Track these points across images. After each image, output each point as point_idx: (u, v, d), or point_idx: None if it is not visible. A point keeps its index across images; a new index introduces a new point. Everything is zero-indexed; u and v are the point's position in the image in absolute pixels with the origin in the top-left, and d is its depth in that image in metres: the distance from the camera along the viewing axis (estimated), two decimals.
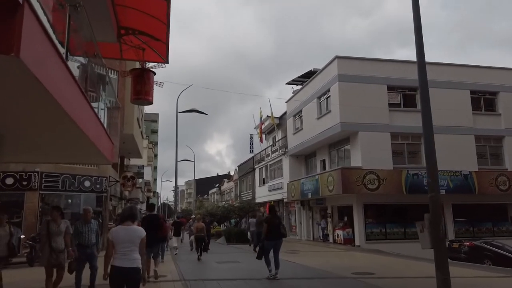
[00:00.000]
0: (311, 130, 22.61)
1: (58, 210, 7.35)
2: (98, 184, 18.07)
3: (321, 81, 21.27)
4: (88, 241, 7.37)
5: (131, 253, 4.33)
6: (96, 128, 6.84)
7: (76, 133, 5.39)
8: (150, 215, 9.59)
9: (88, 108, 5.80)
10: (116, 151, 9.29)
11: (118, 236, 4.40)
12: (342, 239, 20.48)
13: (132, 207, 5.38)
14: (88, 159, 8.51)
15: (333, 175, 18.89)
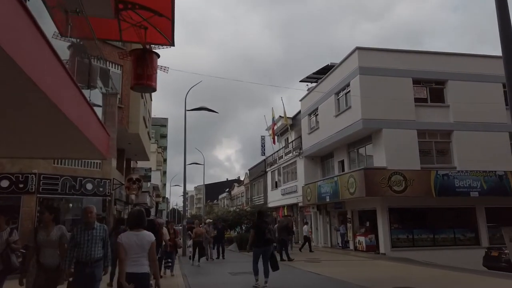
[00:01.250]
0: (328, 129, 21.11)
1: (52, 211, 5.78)
2: (101, 187, 16.77)
3: (339, 76, 19.79)
4: (88, 256, 5.08)
5: (141, 259, 4.27)
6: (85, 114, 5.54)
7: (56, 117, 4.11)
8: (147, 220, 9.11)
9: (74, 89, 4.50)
10: (113, 145, 7.98)
11: (131, 242, 4.28)
12: (364, 246, 18.88)
13: (140, 211, 4.80)
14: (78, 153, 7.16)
15: (355, 176, 17.34)
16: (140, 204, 30.25)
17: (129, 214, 5.55)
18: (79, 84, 5.63)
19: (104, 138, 7.36)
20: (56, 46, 3.58)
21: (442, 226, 17.84)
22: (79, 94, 4.99)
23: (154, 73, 8.36)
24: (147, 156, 25.11)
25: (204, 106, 19.88)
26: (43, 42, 3.19)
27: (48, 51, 3.38)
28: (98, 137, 7.00)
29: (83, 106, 5.38)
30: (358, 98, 17.62)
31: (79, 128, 4.91)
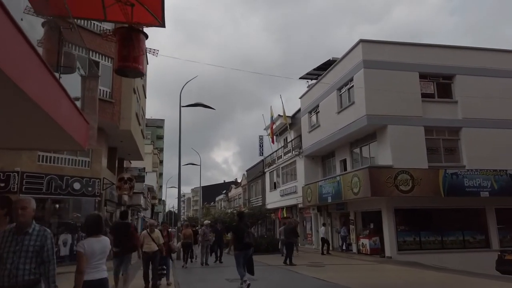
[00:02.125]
0: (330, 127, 20.20)
1: (2, 205, 4.00)
2: (90, 187, 15.76)
3: (342, 70, 18.90)
4: (11, 279, 3.33)
5: (102, 265, 4.19)
6: (55, 96, 4.57)
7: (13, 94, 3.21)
8: (120, 222, 8.82)
9: (40, 66, 3.58)
10: (93, 135, 7.04)
11: (93, 249, 4.10)
12: (368, 249, 17.95)
13: (97, 216, 4.52)
14: (47, 142, 6.20)
15: (359, 175, 16.43)
16: (134, 206, 29.19)
17: (86, 220, 4.61)
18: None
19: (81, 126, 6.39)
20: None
21: (451, 228, 16.94)
22: (46, 72, 4.03)
23: (141, 54, 7.41)
24: (141, 156, 24.11)
25: (200, 102, 18.93)
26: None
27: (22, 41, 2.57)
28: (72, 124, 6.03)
29: (52, 87, 4.46)
30: (362, 93, 16.73)
31: (45, 111, 3.94)
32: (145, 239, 8.62)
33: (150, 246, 8.55)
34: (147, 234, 8.66)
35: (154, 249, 8.53)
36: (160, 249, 8.69)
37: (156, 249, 8.56)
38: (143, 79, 22.95)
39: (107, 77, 16.04)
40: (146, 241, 8.61)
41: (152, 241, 8.57)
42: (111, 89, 16.05)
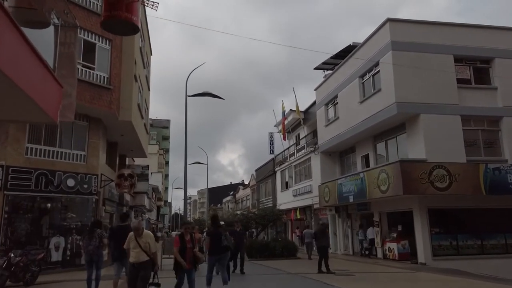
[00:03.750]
0: (350, 119, 18.34)
1: None
2: (85, 184, 14.08)
3: (365, 55, 17.04)
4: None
5: None
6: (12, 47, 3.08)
7: None
8: (119, 225, 8.55)
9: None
10: (71, 104, 5.31)
11: None
12: (396, 254, 16.03)
13: None
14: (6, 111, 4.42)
15: (388, 171, 14.54)
16: (138, 207, 27.48)
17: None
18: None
19: (52, 90, 4.63)
20: None
21: (492, 230, 14.99)
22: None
23: (136, 1, 5.64)
24: (145, 153, 22.41)
25: (208, 92, 17.16)
26: None
27: None
28: (38, 87, 4.32)
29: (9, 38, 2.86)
30: (391, 79, 14.87)
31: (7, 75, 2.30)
32: (131, 243, 6.45)
33: (137, 255, 6.37)
34: (133, 238, 6.42)
35: (142, 259, 6.38)
36: (152, 260, 6.48)
37: (145, 259, 6.39)
38: (146, 70, 21.27)
39: (104, 61, 14.37)
40: (132, 246, 6.42)
41: (139, 247, 6.35)
42: (109, 75, 14.35)
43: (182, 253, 6.89)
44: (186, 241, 7.04)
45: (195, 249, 7.10)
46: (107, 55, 14.43)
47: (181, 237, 7.07)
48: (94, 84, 13.70)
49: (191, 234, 7.29)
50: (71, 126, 14.14)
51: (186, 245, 6.99)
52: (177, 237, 7.04)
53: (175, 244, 7.00)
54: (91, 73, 13.82)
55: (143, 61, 19.36)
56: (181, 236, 7.13)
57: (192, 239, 7.18)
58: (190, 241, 7.11)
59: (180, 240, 7.01)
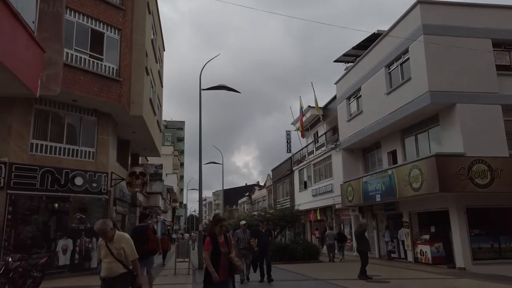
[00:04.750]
0: (375, 112, 17.07)
1: None
2: (94, 183, 13.22)
3: (392, 43, 15.78)
4: None
5: None
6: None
7: None
8: (138, 226, 8.86)
9: None
10: (57, 74, 4.38)
11: None
12: (430, 257, 14.71)
13: None
14: None
15: (422, 166, 13.25)
16: (151, 208, 26.70)
17: None
18: None
19: (31, 55, 3.61)
20: None
21: None
22: None
23: None
24: (158, 151, 21.55)
25: (223, 85, 16.16)
26: None
27: None
28: (12, 50, 3.26)
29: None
30: (423, 66, 13.58)
31: None
32: (102, 251, 4.87)
33: (109, 267, 4.77)
34: (104, 244, 4.84)
35: (116, 271, 4.77)
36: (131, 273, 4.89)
37: (121, 271, 4.78)
38: (159, 65, 20.42)
39: (113, 52, 13.50)
40: (102, 255, 4.86)
41: (111, 256, 4.76)
42: (118, 66, 13.47)
43: (214, 260, 4.97)
44: (219, 244, 5.07)
45: (232, 255, 5.15)
46: (116, 45, 13.57)
47: (213, 239, 5.08)
48: (102, 76, 12.83)
49: (225, 235, 5.25)
50: (79, 121, 13.32)
51: (220, 249, 5.02)
52: (208, 239, 5.13)
53: (205, 247, 5.08)
54: (99, 64, 12.97)
55: (155, 55, 18.51)
56: (213, 237, 5.11)
57: (227, 241, 5.21)
58: (224, 244, 5.13)
59: (212, 242, 5.04)
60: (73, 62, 12.14)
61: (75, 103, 12.87)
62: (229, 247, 5.19)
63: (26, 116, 11.79)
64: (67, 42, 12.04)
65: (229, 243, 5.22)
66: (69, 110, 12.96)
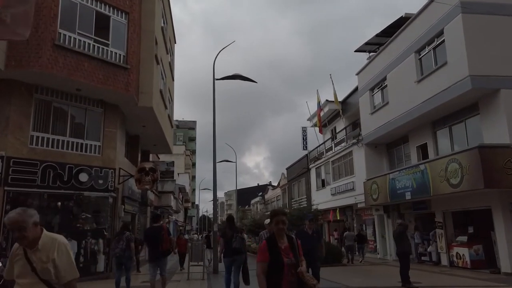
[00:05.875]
0: (404, 103, 15.70)
1: None
2: (101, 179, 12.16)
3: (422, 26, 14.41)
4: None
5: None
6: None
7: None
8: (152, 226, 8.52)
9: None
10: (25, 15, 3.29)
11: None
12: (468, 261, 13.29)
13: None
14: None
15: (461, 160, 11.86)
16: (163, 207, 25.67)
17: None
18: None
19: None
20: None
21: None
22: None
23: None
24: (169, 148, 20.49)
25: (238, 74, 14.99)
26: None
27: None
28: None
29: None
30: (461, 48, 12.20)
31: None
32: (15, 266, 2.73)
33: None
34: (21, 254, 2.72)
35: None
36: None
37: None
38: (169, 56, 19.35)
39: (120, 37, 12.43)
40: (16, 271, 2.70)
41: (34, 274, 2.65)
42: (125, 53, 12.39)
43: (274, 277, 3.19)
44: (281, 251, 3.28)
45: (302, 268, 3.28)
46: (124, 30, 12.50)
47: (271, 243, 3.32)
48: (108, 62, 11.77)
49: (290, 237, 3.45)
50: (84, 112, 12.29)
51: (282, 259, 3.22)
52: (264, 244, 3.35)
53: (259, 255, 3.31)
54: (105, 50, 11.90)
55: (165, 45, 17.45)
56: (271, 240, 3.34)
57: (293, 246, 3.38)
58: (289, 250, 3.32)
59: (269, 248, 3.29)
60: (76, 47, 11.10)
61: (79, 92, 11.84)
62: (297, 255, 3.32)
63: (25, 107, 10.80)
64: (69, 25, 11.04)
65: (296, 249, 3.36)
66: (72, 101, 11.93)
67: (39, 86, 11.11)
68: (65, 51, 10.72)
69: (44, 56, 10.22)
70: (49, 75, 10.39)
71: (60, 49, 10.60)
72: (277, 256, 3.20)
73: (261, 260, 3.22)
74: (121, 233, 8.84)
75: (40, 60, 10.16)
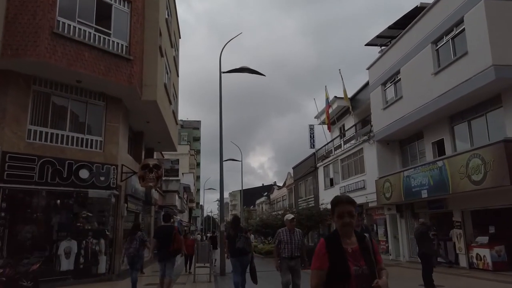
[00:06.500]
0: (419, 97, 14.98)
1: None
2: (102, 176, 11.56)
3: (440, 15, 13.70)
4: None
5: None
6: None
7: None
8: (163, 225, 8.39)
9: None
10: None
11: None
12: (490, 263, 12.54)
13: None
14: None
15: (484, 155, 11.14)
16: (168, 207, 25.07)
17: None
18: None
19: None
20: None
21: None
22: None
23: None
24: (174, 145, 19.89)
25: (246, 67, 14.35)
26: None
27: None
28: None
29: None
30: (484, 36, 11.47)
31: None
32: None
33: None
34: None
35: None
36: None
37: None
38: (174, 51, 18.76)
39: (123, 26, 11.84)
40: None
41: None
42: (128, 43, 11.80)
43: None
44: (347, 256, 2.30)
45: (380, 280, 2.25)
46: (126, 19, 11.91)
47: (333, 244, 2.35)
48: (110, 53, 11.18)
49: (360, 236, 2.42)
50: (85, 106, 11.70)
51: (348, 266, 2.27)
52: (321, 244, 2.37)
53: (314, 260, 2.34)
54: (106, 40, 11.31)
55: (170, 38, 16.84)
56: (333, 240, 2.37)
57: (366, 249, 2.38)
58: (359, 253, 2.34)
59: (328, 251, 2.32)
60: (76, 36, 10.51)
61: (79, 84, 11.25)
62: (372, 262, 2.35)
63: (23, 99, 10.22)
64: (69, 13, 10.46)
65: (371, 253, 2.39)
66: (73, 93, 11.34)
67: (38, 77, 10.53)
68: (64, 40, 10.14)
69: (42, 45, 9.64)
70: (47, 64, 9.81)
71: (59, 38, 10.02)
72: (341, 263, 2.25)
73: (316, 267, 2.29)
74: (133, 233, 8.97)
75: (37, 48, 9.58)
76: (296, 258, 6.65)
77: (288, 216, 6.96)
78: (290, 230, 6.76)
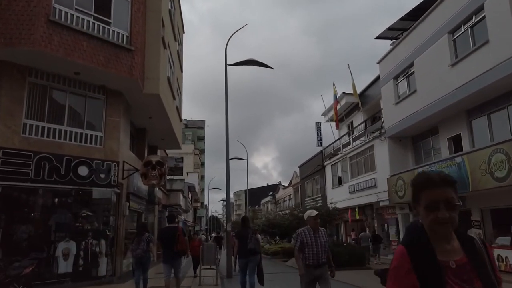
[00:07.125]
0: (435, 90, 14.26)
1: None
2: (102, 173, 10.96)
3: (457, 3, 12.99)
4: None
5: None
6: None
7: None
8: (167, 227, 8.64)
9: None
10: None
11: None
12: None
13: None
14: None
15: (509, 149, 10.44)
16: (172, 206, 24.48)
17: None
18: None
19: None
20: None
21: None
22: None
23: None
24: (178, 143, 19.29)
25: (252, 59, 13.72)
26: None
27: None
28: None
29: None
30: (507, 22, 10.76)
31: None
32: None
33: None
34: None
35: None
36: None
37: None
38: (178, 44, 18.15)
39: (123, 15, 11.23)
40: None
41: None
42: (129, 33, 11.19)
43: None
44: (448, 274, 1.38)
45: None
46: (127, 7, 11.30)
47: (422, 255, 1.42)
48: (109, 43, 10.58)
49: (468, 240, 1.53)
50: (84, 99, 11.10)
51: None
52: (400, 253, 1.45)
53: (390, 280, 1.44)
54: (106, 29, 10.71)
55: (173, 31, 16.24)
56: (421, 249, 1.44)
57: (481, 262, 1.44)
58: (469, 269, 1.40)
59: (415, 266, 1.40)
60: (73, 24, 9.91)
61: (78, 77, 10.66)
62: (493, 283, 1.40)
63: (18, 91, 9.64)
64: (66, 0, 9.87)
65: (489, 266, 1.45)
66: (71, 86, 10.75)
67: (34, 68, 9.95)
68: (61, 28, 9.55)
69: (37, 33, 9.05)
70: (43, 54, 9.22)
71: (55, 26, 9.43)
72: (437, 285, 1.37)
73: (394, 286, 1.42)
74: (140, 234, 8.77)
75: (32, 37, 9.00)
76: (323, 265, 5.30)
77: (312, 212, 5.49)
78: (314, 230, 5.39)
